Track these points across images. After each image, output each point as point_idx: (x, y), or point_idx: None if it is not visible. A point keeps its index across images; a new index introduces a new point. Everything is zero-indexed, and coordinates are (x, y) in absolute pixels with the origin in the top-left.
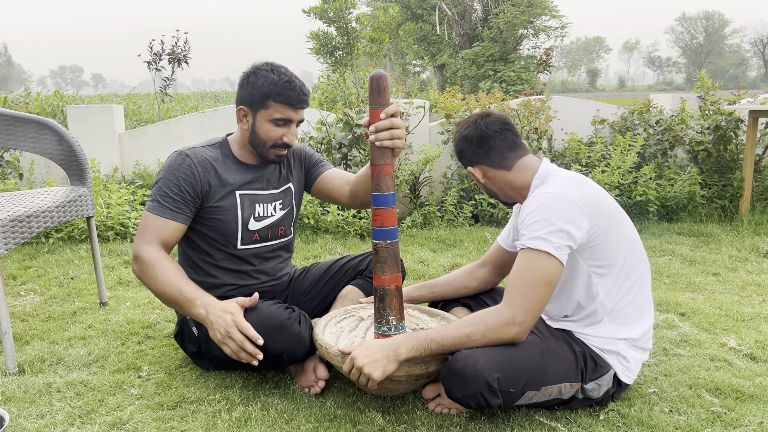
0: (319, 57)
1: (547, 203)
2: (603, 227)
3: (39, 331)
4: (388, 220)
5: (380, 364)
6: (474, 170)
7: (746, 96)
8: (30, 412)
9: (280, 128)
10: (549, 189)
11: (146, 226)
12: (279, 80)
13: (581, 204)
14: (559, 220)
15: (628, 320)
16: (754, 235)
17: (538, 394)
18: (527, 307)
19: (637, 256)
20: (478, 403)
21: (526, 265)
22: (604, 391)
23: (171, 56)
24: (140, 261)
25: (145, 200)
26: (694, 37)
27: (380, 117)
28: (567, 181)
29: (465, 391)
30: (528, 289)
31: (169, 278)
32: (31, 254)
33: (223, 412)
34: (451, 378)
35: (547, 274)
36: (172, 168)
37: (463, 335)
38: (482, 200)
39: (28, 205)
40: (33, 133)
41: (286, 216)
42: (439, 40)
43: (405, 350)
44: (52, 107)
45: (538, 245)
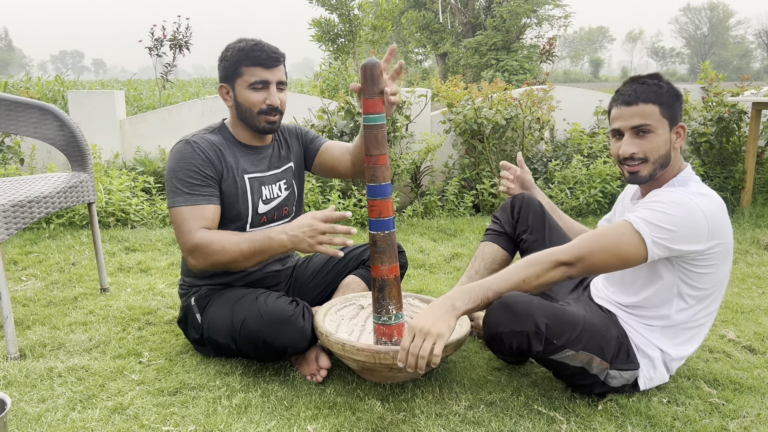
0: (321, 44)
1: (680, 204)
2: (715, 254)
3: (40, 316)
4: (386, 211)
5: (442, 321)
6: (684, 128)
7: (749, 88)
8: (31, 397)
9: (260, 92)
10: (691, 196)
11: (183, 220)
12: (245, 46)
13: (710, 224)
14: (681, 227)
15: (676, 340)
16: (755, 228)
17: (575, 355)
18: (587, 262)
19: (720, 294)
20: (519, 344)
21: (617, 234)
22: (620, 384)
23: (172, 42)
24: (199, 247)
25: (146, 187)
26: (698, 27)
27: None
28: (709, 200)
29: (513, 327)
30: (600, 252)
31: (234, 240)
32: (32, 239)
33: (224, 398)
34: (502, 311)
35: (627, 253)
36: (184, 157)
37: (519, 279)
38: (483, 190)
39: (30, 191)
40: (34, 118)
41: (290, 196)
42: (442, 29)
43: (462, 303)
44: (53, 92)
45: (641, 228)
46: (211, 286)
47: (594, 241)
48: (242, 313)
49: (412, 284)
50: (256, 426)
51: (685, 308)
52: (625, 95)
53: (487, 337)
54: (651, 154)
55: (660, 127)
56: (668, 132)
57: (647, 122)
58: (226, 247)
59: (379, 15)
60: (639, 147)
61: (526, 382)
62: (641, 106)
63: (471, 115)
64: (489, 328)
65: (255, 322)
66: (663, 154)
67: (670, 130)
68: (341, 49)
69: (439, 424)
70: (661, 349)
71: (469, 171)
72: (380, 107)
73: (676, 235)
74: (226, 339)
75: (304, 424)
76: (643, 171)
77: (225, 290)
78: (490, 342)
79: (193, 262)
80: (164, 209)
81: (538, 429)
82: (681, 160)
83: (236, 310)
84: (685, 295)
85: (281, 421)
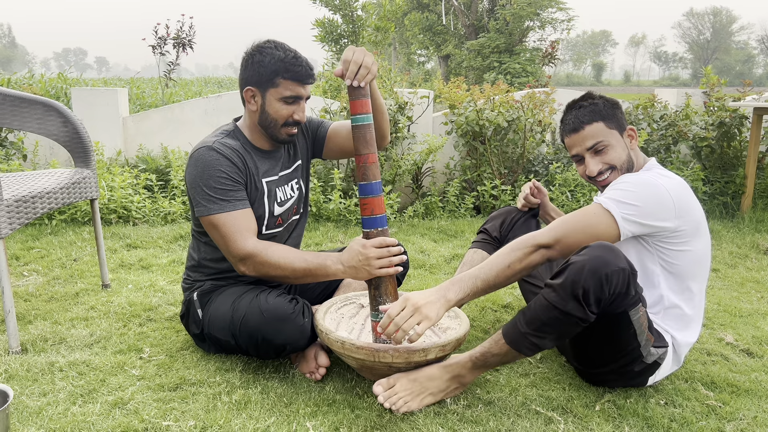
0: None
1: (645, 183)
2: (686, 232)
3: (42, 311)
4: (378, 208)
5: (434, 306)
6: (634, 129)
7: (751, 93)
8: (32, 390)
9: (290, 106)
10: (656, 176)
11: (230, 225)
12: (285, 57)
13: (675, 202)
14: (647, 203)
15: (679, 324)
16: (755, 232)
17: (644, 316)
18: (563, 242)
19: (705, 273)
20: (621, 286)
21: (588, 215)
22: (652, 362)
23: (176, 41)
24: (252, 255)
25: (148, 184)
26: (701, 32)
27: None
28: (673, 181)
29: (617, 264)
30: (574, 232)
31: (290, 256)
32: (34, 235)
33: (223, 394)
34: (603, 250)
35: (600, 231)
36: (210, 164)
37: (504, 265)
38: (484, 191)
39: (33, 186)
40: (38, 114)
41: (300, 194)
42: (445, 31)
43: (453, 294)
44: (56, 89)
45: (609, 206)
46: (214, 281)
47: (568, 223)
48: (243, 310)
49: (412, 284)
50: (255, 422)
51: (674, 286)
52: (570, 124)
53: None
54: (615, 162)
55: (611, 138)
56: (621, 139)
57: (599, 140)
58: (281, 262)
59: (383, 16)
60: (603, 161)
61: (524, 382)
62: (587, 128)
63: (473, 117)
64: (594, 272)
65: (255, 319)
66: (626, 159)
67: (622, 137)
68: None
69: (438, 423)
70: (671, 334)
71: (471, 172)
72: (367, 107)
73: (644, 211)
74: (226, 335)
75: (303, 421)
76: (612, 179)
77: (227, 287)
78: (594, 288)
79: (244, 269)
80: (165, 207)
81: (536, 429)
82: (643, 157)
83: (237, 306)
84: (669, 272)
85: (280, 418)
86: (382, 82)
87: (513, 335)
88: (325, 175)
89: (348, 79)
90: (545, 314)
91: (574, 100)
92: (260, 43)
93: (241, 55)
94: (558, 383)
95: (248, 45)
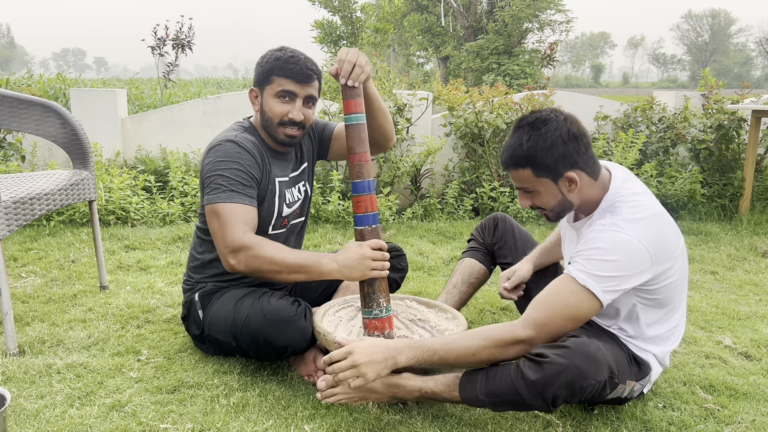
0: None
1: (618, 246)
2: (664, 271)
3: (39, 312)
4: (371, 206)
5: (376, 367)
6: (574, 174)
7: (750, 95)
8: (30, 393)
9: (285, 104)
10: (625, 229)
11: (232, 216)
12: (282, 55)
13: (651, 252)
14: (623, 269)
15: (662, 341)
16: (753, 235)
17: (624, 387)
18: (547, 334)
19: (684, 288)
20: (593, 391)
21: (567, 296)
22: (641, 390)
23: (175, 41)
24: (247, 248)
25: (147, 185)
26: (699, 35)
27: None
28: (643, 224)
29: (594, 377)
30: (556, 320)
31: (284, 252)
32: (32, 236)
33: (221, 397)
34: (585, 361)
35: (583, 312)
36: (231, 155)
37: (469, 353)
38: (483, 193)
39: (31, 188)
40: (36, 115)
41: (305, 197)
42: (444, 32)
43: (405, 358)
44: (55, 90)
45: (586, 283)
46: (216, 282)
47: (547, 308)
48: (245, 312)
49: (411, 286)
50: (253, 425)
51: (645, 314)
52: (503, 157)
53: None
54: (544, 206)
55: (540, 186)
56: (553, 186)
57: (524, 185)
58: (275, 256)
59: (382, 18)
60: (531, 200)
61: None
62: (513, 172)
63: (472, 119)
64: (569, 383)
65: (257, 321)
66: (557, 204)
67: (556, 183)
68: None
69: (436, 426)
70: (653, 352)
71: (469, 174)
72: (360, 107)
73: (623, 278)
74: (227, 336)
75: (301, 423)
76: (549, 216)
77: (229, 288)
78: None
79: (233, 262)
80: (164, 208)
81: (534, 431)
82: (595, 186)
83: (239, 308)
84: (649, 306)
85: (278, 421)
86: (381, 83)
87: (469, 394)
88: (324, 176)
89: (342, 78)
90: (508, 395)
91: (521, 122)
92: (269, 50)
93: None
94: None
95: None
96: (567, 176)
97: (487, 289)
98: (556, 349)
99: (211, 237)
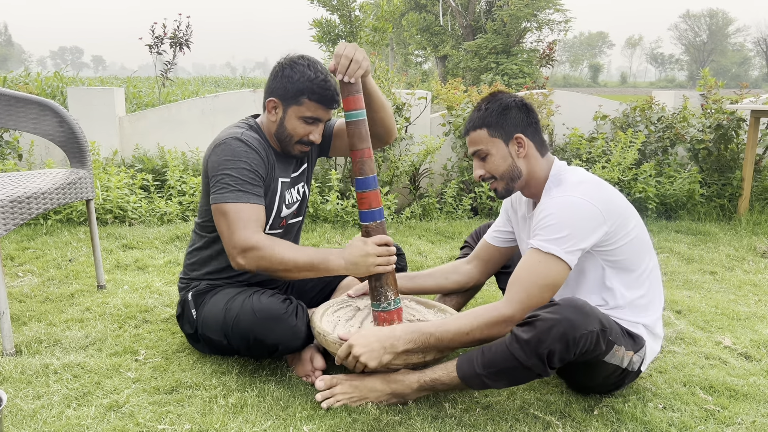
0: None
1: (567, 207)
2: (617, 227)
3: (36, 312)
4: (375, 202)
5: (376, 354)
6: (522, 137)
7: (748, 95)
8: (27, 393)
9: (309, 126)
10: (569, 192)
11: (241, 215)
12: (315, 78)
13: (600, 208)
14: (577, 226)
15: (645, 309)
16: (752, 235)
17: (621, 351)
18: (529, 306)
19: (646, 249)
20: (586, 343)
21: (535, 267)
22: (640, 364)
23: (172, 40)
24: (257, 248)
25: (145, 184)
26: (697, 34)
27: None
28: (585, 186)
29: (586, 327)
30: (532, 291)
31: (293, 250)
32: (29, 235)
33: (220, 397)
34: (574, 312)
35: (554, 277)
36: (238, 154)
37: (463, 332)
38: (482, 193)
39: (28, 187)
40: (34, 114)
41: (303, 198)
42: (442, 31)
43: (402, 343)
44: (52, 88)
45: (549, 249)
46: (210, 281)
47: (523, 284)
48: (235, 310)
49: None
50: (251, 426)
51: (617, 278)
52: (464, 126)
53: (555, 346)
54: (494, 172)
55: (493, 146)
56: (504, 147)
57: (479, 147)
58: (284, 256)
59: (380, 17)
60: (483, 168)
61: (522, 386)
62: (471, 134)
63: None
64: (561, 335)
65: (247, 319)
66: (506, 169)
67: (506, 145)
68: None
69: (435, 427)
70: (642, 323)
71: (468, 174)
72: (360, 103)
73: (579, 234)
74: (218, 335)
75: (300, 424)
76: (498, 187)
77: (223, 287)
78: (560, 351)
79: (243, 262)
80: (162, 207)
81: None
82: (542, 162)
83: (230, 307)
84: (617, 269)
85: (277, 422)
86: (379, 83)
87: (466, 371)
88: (323, 176)
89: (339, 74)
90: (504, 363)
91: (482, 98)
92: (294, 57)
93: (274, 64)
94: (556, 387)
95: (283, 55)
96: (516, 138)
97: (486, 289)
98: (547, 308)
99: (207, 233)
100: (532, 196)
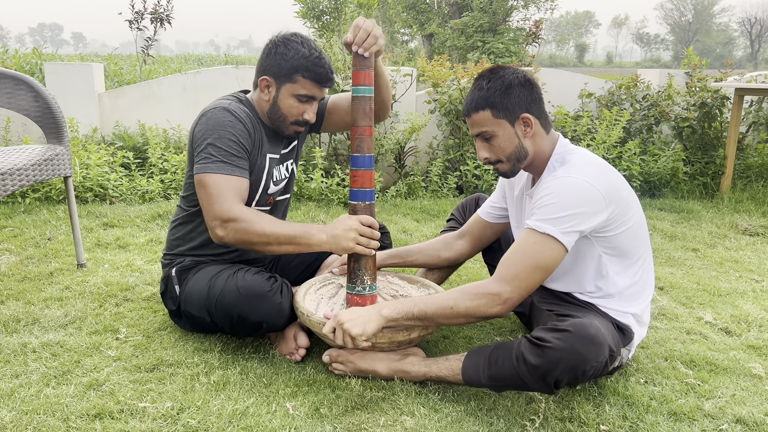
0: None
1: (569, 188)
2: (618, 214)
3: (14, 291)
4: (368, 182)
5: (360, 321)
6: (529, 116)
7: (733, 74)
8: (4, 372)
9: (303, 104)
10: (573, 174)
11: (222, 187)
12: (310, 55)
13: (603, 192)
14: (577, 208)
15: (632, 297)
16: (734, 213)
17: (618, 357)
18: (518, 287)
19: (644, 238)
20: (596, 372)
21: (530, 247)
22: (628, 356)
23: (153, 15)
24: (237, 219)
25: (125, 162)
26: (683, 14)
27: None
28: (590, 168)
29: (597, 359)
30: (524, 271)
31: (274, 223)
32: (6, 213)
33: (202, 375)
34: (585, 344)
35: (548, 259)
36: (223, 125)
37: (447, 306)
38: (467, 171)
39: (3, 163)
40: (8, 88)
41: (291, 176)
42: (429, 9)
43: (388, 310)
44: (30, 65)
45: (545, 229)
46: (194, 257)
47: (515, 264)
48: (219, 287)
49: None
50: (234, 403)
51: (613, 266)
52: (464, 106)
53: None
54: (500, 154)
55: (498, 128)
56: (510, 128)
57: (483, 129)
58: (265, 228)
59: None
60: (488, 151)
61: None
62: (473, 116)
63: (456, 96)
64: (571, 368)
65: (231, 296)
66: (513, 151)
67: (512, 126)
68: (326, 27)
69: (419, 402)
70: (632, 313)
71: (453, 152)
72: (370, 79)
73: (578, 217)
74: (201, 312)
75: (283, 401)
76: (504, 168)
77: (207, 264)
78: (568, 379)
79: (222, 233)
80: (143, 185)
81: (517, 407)
82: (547, 139)
83: (214, 283)
84: (613, 256)
85: (260, 399)
86: None
87: (472, 378)
88: (307, 154)
89: (355, 46)
90: (511, 380)
91: (481, 74)
92: (287, 34)
93: (258, 43)
94: None
95: (275, 33)
96: (523, 117)
97: (471, 266)
98: (557, 333)
99: (192, 207)
100: (533, 172)
